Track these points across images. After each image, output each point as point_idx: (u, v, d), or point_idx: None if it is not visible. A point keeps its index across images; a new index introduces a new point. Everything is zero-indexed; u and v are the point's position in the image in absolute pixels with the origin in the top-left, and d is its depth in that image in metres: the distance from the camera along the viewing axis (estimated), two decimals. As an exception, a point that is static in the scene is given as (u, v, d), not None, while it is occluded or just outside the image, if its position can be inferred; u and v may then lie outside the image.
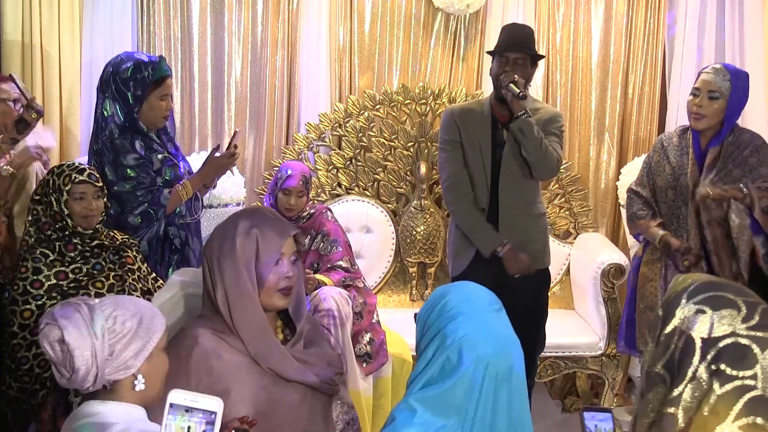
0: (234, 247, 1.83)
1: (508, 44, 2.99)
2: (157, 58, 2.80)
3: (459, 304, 1.57)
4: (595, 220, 4.45)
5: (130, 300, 1.61)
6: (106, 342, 1.50)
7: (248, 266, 1.83)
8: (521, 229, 3.06)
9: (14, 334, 2.36)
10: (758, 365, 1.15)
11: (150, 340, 1.56)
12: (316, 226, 3.54)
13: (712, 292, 1.23)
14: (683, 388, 1.19)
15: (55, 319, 1.51)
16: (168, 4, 4.16)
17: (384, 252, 4.25)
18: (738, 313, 1.19)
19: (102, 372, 1.50)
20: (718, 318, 1.19)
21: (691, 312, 1.21)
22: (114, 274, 2.49)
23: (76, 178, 2.43)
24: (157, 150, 2.84)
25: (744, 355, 1.16)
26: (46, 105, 3.91)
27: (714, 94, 2.79)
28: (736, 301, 1.20)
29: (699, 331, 1.19)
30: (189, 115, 4.29)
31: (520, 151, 2.98)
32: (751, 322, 1.18)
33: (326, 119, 4.24)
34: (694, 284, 1.26)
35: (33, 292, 2.38)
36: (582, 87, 4.45)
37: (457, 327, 1.52)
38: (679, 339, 1.22)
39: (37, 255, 2.41)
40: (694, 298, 1.23)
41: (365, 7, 4.33)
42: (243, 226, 1.86)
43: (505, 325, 1.57)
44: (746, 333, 1.17)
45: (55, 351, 1.50)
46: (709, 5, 4.23)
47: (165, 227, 2.82)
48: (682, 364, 1.20)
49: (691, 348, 1.20)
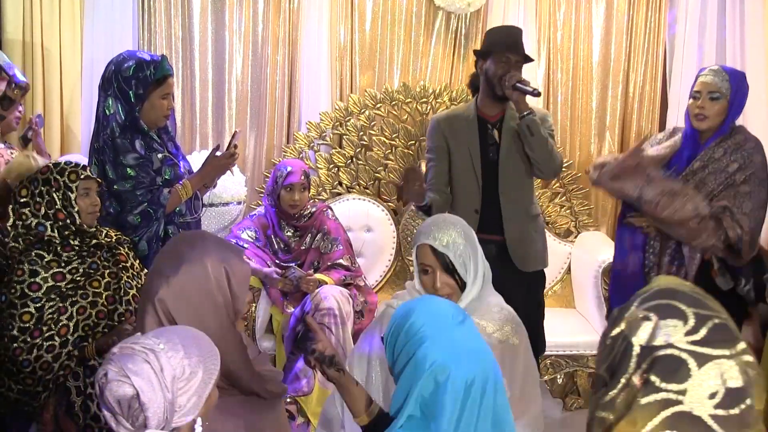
0: (210, 291, 1.77)
1: (509, 46, 2.97)
2: (159, 57, 2.79)
3: (424, 326, 1.55)
4: (596, 218, 4.45)
5: (191, 338, 1.52)
6: (176, 394, 1.44)
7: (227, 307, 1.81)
8: (524, 230, 3.04)
9: (14, 338, 2.33)
10: (690, 381, 1.10)
11: (210, 382, 1.50)
12: (316, 225, 3.55)
13: (665, 300, 1.18)
14: (616, 393, 1.15)
15: (126, 375, 1.40)
16: (169, 3, 4.16)
17: (385, 251, 4.25)
18: (684, 324, 1.13)
19: (169, 423, 1.44)
20: (662, 327, 1.14)
21: (637, 318, 1.17)
22: (109, 272, 2.48)
23: (82, 174, 2.43)
24: (158, 149, 2.84)
25: (677, 368, 1.10)
26: (47, 103, 3.92)
27: (715, 94, 2.78)
28: (686, 313, 1.14)
29: (639, 338, 1.15)
30: (190, 113, 4.29)
31: (519, 149, 2.96)
32: (694, 336, 1.12)
33: (327, 118, 4.24)
34: (651, 290, 1.21)
35: (31, 295, 2.35)
36: (583, 86, 4.45)
37: (426, 352, 1.51)
38: (621, 344, 1.18)
39: (33, 257, 2.38)
40: (644, 304, 1.19)
41: (366, 6, 4.33)
42: (211, 262, 1.78)
43: (472, 337, 1.56)
44: (686, 346, 1.11)
45: (123, 407, 1.42)
46: (710, 4, 4.23)
47: (165, 226, 2.82)
48: (619, 370, 1.16)
49: (628, 354, 1.15)
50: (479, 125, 3.03)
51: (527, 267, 3.04)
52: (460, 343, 1.53)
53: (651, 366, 1.12)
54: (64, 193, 2.39)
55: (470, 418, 1.46)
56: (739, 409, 1.09)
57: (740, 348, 1.12)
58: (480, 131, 3.03)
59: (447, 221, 2.20)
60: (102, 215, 2.58)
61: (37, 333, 2.35)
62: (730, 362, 1.11)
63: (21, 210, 2.41)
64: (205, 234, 2.00)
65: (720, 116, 2.80)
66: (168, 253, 1.83)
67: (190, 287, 1.75)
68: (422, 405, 1.49)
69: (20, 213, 2.41)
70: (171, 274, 1.76)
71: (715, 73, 2.82)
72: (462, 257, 2.13)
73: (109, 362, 1.44)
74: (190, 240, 1.89)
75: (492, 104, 3.02)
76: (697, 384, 1.10)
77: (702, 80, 2.83)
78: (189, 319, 1.73)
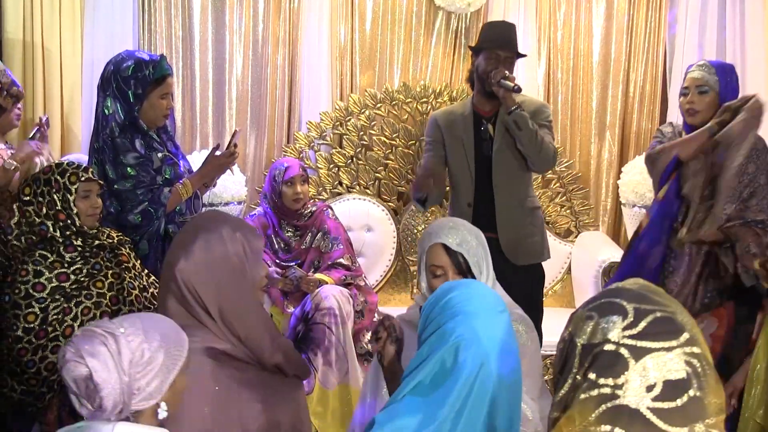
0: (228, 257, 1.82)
1: (499, 42, 2.99)
2: (158, 57, 2.80)
3: (461, 302, 1.56)
4: (596, 218, 4.45)
5: (154, 324, 1.55)
6: (133, 377, 1.46)
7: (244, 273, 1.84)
8: (518, 224, 3.05)
9: (19, 338, 2.33)
10: (626, 374, 1.09)
11: (174, 368, 1.52)
12: (317, 224, 3.55)
13: (607, 299, 1.18)
14: (564, 393, 1.16)
15: (81, 356, 1.44)
16: (169, 3, 4.16)
17: (385, 250, 4.25)
18: (623, 320, 1.13)
19: (127, 406, 1.46)
20: (602, 324, 1.14)
21: (582, 318, 1.18)
22: (112, 273, 2.48)
23: (83, 176, 2.42)
24: (157, 149, 2.84)
25: (614, 362, 1.10)
26: (48, 103, 3.92)
27: (703, 88, 2.81)
28: (626, 308, 1.14)
29: (581, 338, 1.16)
30: (190, 113, 4.30)
31: (512, 143, 2.98)
32: (632, 330, 1.11)
33: (327, 118, 4.24)
34: (601, 291, 1.23)
35: (36, 295, 2.35)
36: (583, 85, 4.45)
37: (455, 326, 1.51)
38: (567, 345, 1.19)
39: (37, 257, 2.37)
40: (589, 304, 1.19)
41: (366, 6, 4.33)
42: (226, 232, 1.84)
43: (505, 329, 1.56)
44: (622, 341, 1.11)
45: (80, 387, 1.45)
46: (710, 4, 4.23)
47: (165, 225, 2.83)
48: (565, 370, 1.17)
49: (572, 354, 1.16)
50: (474, 120, 3.06)
51: (521, 260, 3.02)
52: (492, 330, 1.52)
53: (591, 363, 1.13)
54: (64, 195, 2.39)
55: (476, 401, 1.45)
56: (681, 402, 1.08)
57: (684, 339, 1.11)
58: (475, 126, 3.05)
59: (456, 222, 2.19)
60: (102, 215, 2.58)
61: (42, 333, 2.34)
62: (669, 354, 1.10)
63: (25, 208, 2.41)
64: (220, 211, 2.07)
65: (711, 109, 2.82)
66: (185, 229, 1.92)
67: (207, 254, 1.81)
68: (435, 374, 1.49)
69: (24, 211, 2.41)
70: (189, 244, 1.82)
71: (701, 67, 2.85)
72: (476, 257, 2.11)
73: (69, 343, 1.47)
74: (206, 215, 1.99)
75: (486, 100, 3.04)
76: (633, 377, 1.09)
77: (690, 76, 2.86)
78: (209, 286, 1.78)
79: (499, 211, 3.02)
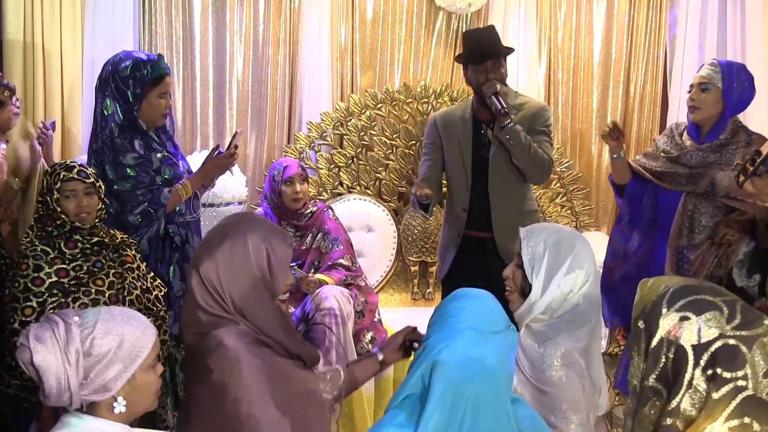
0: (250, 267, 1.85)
1: (480, 55, 2.98)
2: (155, 56, 2.80)
3: (456, 315, 1.54)
4: (597, 218, 4.45)
5: (116, 316, 1.54)
6: (81, 366, 1.45)
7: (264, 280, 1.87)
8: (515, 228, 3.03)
9: (15, 332, 2.34)
10: (747, 364, 1.14)
11: (133, 362, 1.51)
12: (317, 225, 3.54)
13: (690, 297, 1.21)
14: (681, 397, 1.17)
15: (28, 340, 1.45)
16: (170, 3, 4.16)
17: (385, 251, 4.25)
18: (721, 314, 1.18)
19: (76, 395, 1.46)
20: (704, 322, 1.18)
21: (676, 320, 1.20)
22: (114, 272, 2.48)
23: (65, 176, 2.43)
24: (157, 149, 2.84)
25: (735, 355, 1.15)
26: (48, 104, 3.92)
27: (704, 85, 2.83)
28: (716, 303, 1.19)
29: (688, 339, 1.18)
30: (191, 113, 4.30)
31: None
32: (734, 322, 1.17)
33: (328, 118, 4.24)
34: (668, 291, 1.24)
35: (34, 290, 2.36)
36: (583, 85, 4.45)
37: (439, 340, 1.50)
38: (668, 350, 1.20)
39: (38, 252, 2.40)
40: (674, 305, 1.21)
41: (367, 6, 4.33)
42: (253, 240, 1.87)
43: (492, 350, 1.48)
44: (733, 333, 1.16)
45: (30, 371, 1.46)
46: (711, 4, 4.24)
47: (165, 225, 2.83)
48: (677, 374, 1.18)
49: (683, 357, 1.18)
50: (474, 125, 3.05)
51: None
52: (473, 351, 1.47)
53: (711, 361, 1.16)
54: (51, 194, 2.43)
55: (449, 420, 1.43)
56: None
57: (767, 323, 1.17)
58: (474, 130, 3.05)
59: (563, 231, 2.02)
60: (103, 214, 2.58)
61: None
62: (766, 339, 1.16)
63: (38, 204, 2.48)
64: (253, 215, 2.11)
65: (713, 107, 2.84)
66: (217, 229, 1.95)
67: (231, 261, 1.84)
68: (420, 390, 1.49)
69: (38, 207, 2.48)
70: (215, 247, 1.86)
71: (709, 66, 2.88)
72: (536, 258, 1.95)
73: (25, 330, 1.50)
74: (238, 218, 2.01)
75: (485, 107, 3.03)
76: (752, 366, 1.14)
77: (697, 74, 2.89)
78: (230, 289, 1.83)
79: (495, 214, 3.02)
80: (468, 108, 3.11)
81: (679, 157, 2.95)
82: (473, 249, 3.08)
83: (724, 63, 2.88)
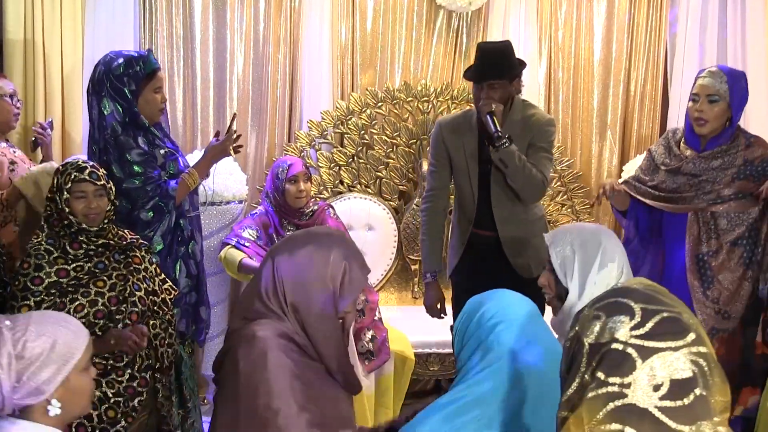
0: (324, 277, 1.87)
1: (480, 74, 2.89)
2: (145, 52, 2.82)
3: (497, 313, 1.57)
4: (597, 217, 4.45)
5: (48, 320, 1.54)
6: (13, 369, 1.45)
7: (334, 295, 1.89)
8: (521, 237, 3.00)
9: None
10: (635, 373, 1.11)
11: (66, 363, 1.51)
12: (318, 223, 3.54)
13: (614, 298, 1.19)
14: (572, 392, 1.17)
15: None
16: (170, 2, 4.16)
17: (386, 250, 4.26)
18: (630, 319, 1.14)
19: (9, 399, 1.45)
20: (610, 324, 1.15)
21: (589, 318, 1.19)
22: (117, 274, 2.47)
23: (76, 177, 2.42)
24: (159, 145, 2.86)
25: (622, 362, 1.12)
26: (48, 104, 3.92)
27: (713, 97, 2.75)
28: (633, 308, 1.16)
29: (588, 337, 1.17)
30: (191, 112, 4.30)
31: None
32: (640, 330, 1.13)
33: (328, 116, 4.24)
34: (606, 291, 1.24)
35: (32, 289, 2.35)
36: (584, 85, 4.45)
37: (498, 337, 1.53)
38: (575, 344, 1.20)
39: (41, 252, 2.39)
40: (597, 304, 1.21)
41: (367, 5, 4.33)
42: (335, 254, 1.89)
43: (545, 331, 1.57)
44: (631, 341, 1.12)
45: None
46: (711, 3, 4.23)
47: (177, 219, 2.84)
48: (573, 369, 1.18)
49: (580, 353, 1.17)
50: (479, 138, 3.00)
51: (525, 273, 2.97)
52: (536, 334, 1.54)
53: (599, 362, 1.14)
54: (61, 194, 2.41)
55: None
56: (688, 400, 1.09)
57: (690, 339, 1.13)
58: (479, 143, 2.99)
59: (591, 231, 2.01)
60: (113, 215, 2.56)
61: None
62: (676, 354, 1.11)
63: (47, 203, 2.47)
64: (343, 234, 2.15)
65: (720, 119, 2.79)
66: (307, 231, 2.00)
67: (308, 265, 1.87)
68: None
69: (47, 205, 2.47)
70: (298, 246, 1.90)
71: (713, 75, 2.79)
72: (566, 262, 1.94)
73: None
74: (331, 231, 2.09)
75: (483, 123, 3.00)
76: (641, 377, 1.11)
77: (700, 83, 2.81)
78: (296, 291, 1.86)
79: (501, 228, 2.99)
80: (475, 117, 3.03)
81: (679, 168, 2.88)
82: (480, 246, 3.08)
83: (727, 71, 2.82)
